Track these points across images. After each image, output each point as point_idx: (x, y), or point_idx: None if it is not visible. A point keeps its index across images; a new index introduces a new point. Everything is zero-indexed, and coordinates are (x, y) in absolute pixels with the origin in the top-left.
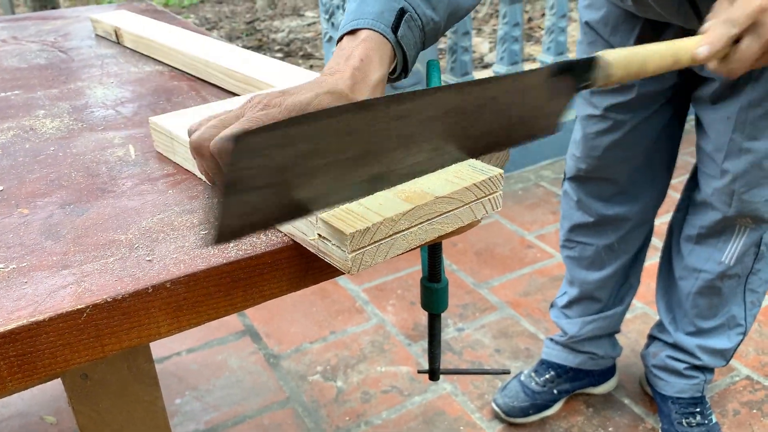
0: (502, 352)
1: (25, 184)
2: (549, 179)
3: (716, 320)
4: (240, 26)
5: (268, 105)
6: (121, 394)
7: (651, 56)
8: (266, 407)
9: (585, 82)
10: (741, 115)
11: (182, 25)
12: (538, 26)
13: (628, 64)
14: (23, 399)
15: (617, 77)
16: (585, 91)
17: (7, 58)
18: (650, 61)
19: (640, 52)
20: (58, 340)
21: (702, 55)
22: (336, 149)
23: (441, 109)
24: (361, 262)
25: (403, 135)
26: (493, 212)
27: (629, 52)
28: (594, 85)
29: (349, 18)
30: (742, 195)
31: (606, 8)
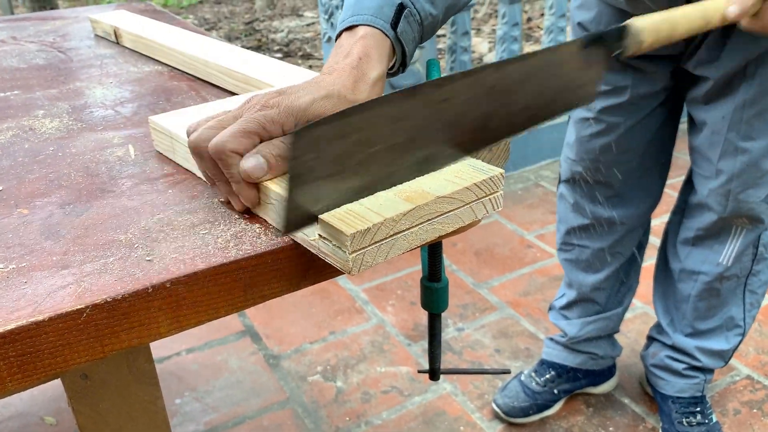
0: (502, 352)
1: (25, 184)
2: (549, 179)
3: (714, 321)
4: (239, 26)
5: (266, 105)
6: (122, 395)
7: (680, 19)
8: (266, 408)
9: (617, 50)
10: (735, 115)
11: (181, 26)
12: (537, 26)
13: (658, 29)
14: (23, 400)
15: (648, 43)
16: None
17: (7, 58)
18: (680, 25)
19: (669, 17)
20: (58, 340)
21: (733, 14)
22: (388, 136)
23: (482, 89)
24: (362, 262)
25: (449, 116)
26: (494, 212)
27: (659, 17)
28: (626, 52)
29: (348, 14)
30: (738, 195)
31: (598, 8)
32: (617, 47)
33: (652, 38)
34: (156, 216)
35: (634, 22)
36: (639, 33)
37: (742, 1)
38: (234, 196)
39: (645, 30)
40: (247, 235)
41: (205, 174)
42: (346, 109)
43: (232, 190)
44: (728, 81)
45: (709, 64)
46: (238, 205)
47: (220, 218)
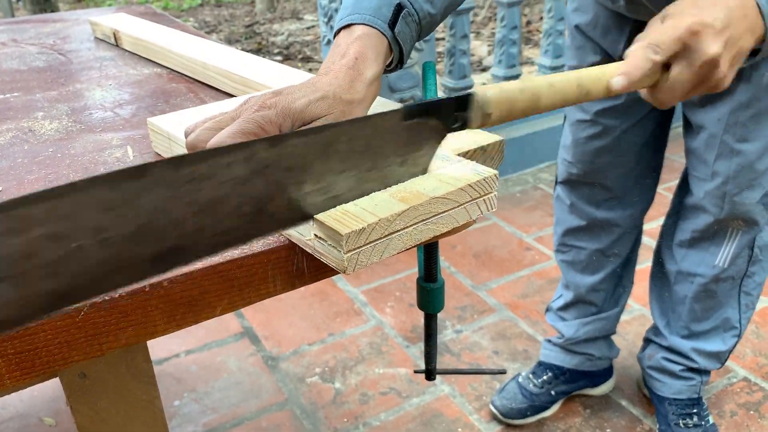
0: (501, 354)
1: (24, 185)
2: (547, 181)
3: (710, 323)
4: (239, 29)
5: (264, 106)
6: (119, 393)
7: (545, 91)
8: (265, 409)
9: (456, 123)
10: (731, 117)
11: (181, 28)
12: (537, 29)
13: (512, 100)
14: (22, 400)
15: (497, 117)
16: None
17: (7, 60)
18: (544, 96)
19: (529, 87)
20: (56, 338)
21: (617, 86)
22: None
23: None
24: (357, 261)
25: (207, 200)
26: (488, 212)
27: (515, 87)
28: (469, 125)
29: (346, 12)
30: (733, 197)
31: (594, 11)
32: (456, 120)
33: (502, 112)
34: None
35: (481, 92)
36: (485, 105)
37: (628, 72)
38: None
39: (493, 102)
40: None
41: None
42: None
43: None
44: None
45: None
46: None
47: None
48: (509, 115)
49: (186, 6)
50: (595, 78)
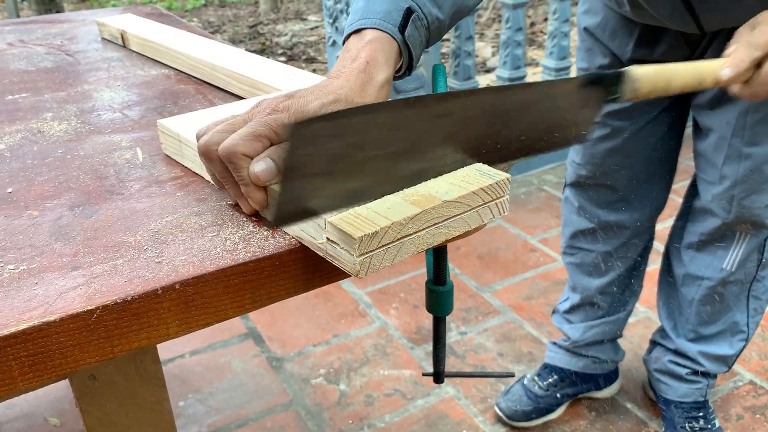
0: (505, 356)
1: (34, 186)
2: (552, 183)
3: (718, 326)
4: (243, 30)
5: (276, 109)
6: (128, 395)
7: (677, 75)
8: (269, 410)
9: (613, 95)
10: (740, 120)
11: (187, 29)
12: (541, 31)
13: (655, 80)
14: (27, 401)
15: (644, 92)
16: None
17: (15, 61)
18: (676, 80)
19: (666, 70)
20: (69, 341)
21: (726, 77)
22: (384, 142)
23: (481, 110)
24: (369, 265)
25: (446, 132)
26: (500, 216)
27: (657, 69)
28: (621, 98)
29: (356, 17)
30: (741, 200)
31: (603, 13)
32: (614, 92)
33: (648, 88)
34: (165, 218)
35: (633, 70)
36: (636, 81)
37: (735, 65)
38: (243, 198)
39: (642, 79)
40: (255, 237)
41: (214, 177)
42: (346, 110)
43: (241, 193)
44: None
45: None
46: (247, 208)
47: (228, 221)
48: (650, 93)
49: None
50: (708, 69)
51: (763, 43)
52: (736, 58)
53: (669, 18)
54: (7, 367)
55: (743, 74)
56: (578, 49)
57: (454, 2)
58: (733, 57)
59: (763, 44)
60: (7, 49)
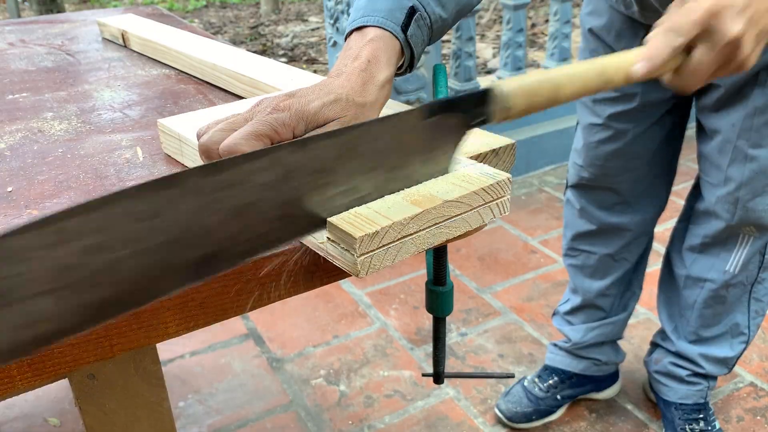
0: (506, 358)
1: (34, 185)
2: (552, 184)
3: (719, 328)
4: (244, 31)
5: (277, 108)
6: (128, 395)
7: (566, 80)
8: (269, 411)
9: (478, 118)
10: (746, 123)
11: (188, 29)
12: (542, 32)
13: (533, 92)
14: (27, 401)
15: (519, 109)
16: (586, 99)
17: (15, 60)
18: (565, 86)
19: (550, 78)
20: (67, 340)
21: (639, 72)
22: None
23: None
24: (370, 265)
25: (236, 206)
26: (501, 216)
27: (536, 78)
28: (491, 119)
29: (359, 14)
30: (746, 203)
31: (608, 15)
32: (477, 115)
33: (523, 104)
34: None
35: (499, 86)
36: (506, 98)
37: (650, 58)
38: None
39: (513, 95)
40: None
41: None
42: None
43: None
44: (739, 88)
45: None
46: None
47: None
48: (530, 108)
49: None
50: (616, 66)
51: (689, 24)
52: (652, 48)
53: None
54: (6, 366)
55: (661, 67)
56: (582, 50)
57: (457, 1)
58: (649, 46)
59: (688, 26)
60: (7, 49)
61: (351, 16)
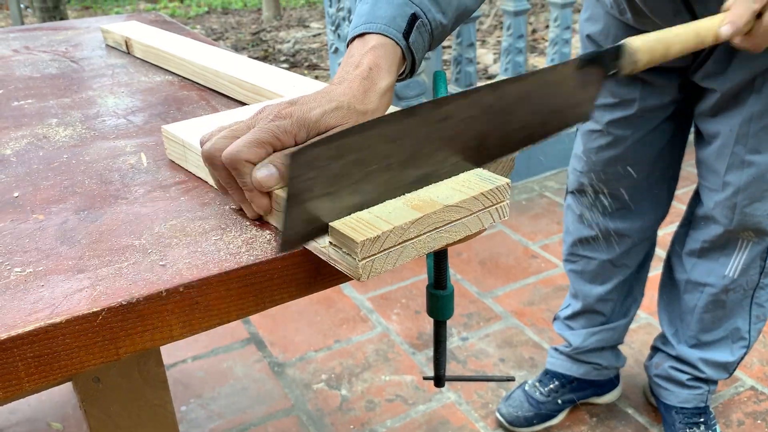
0: (507, 362)
1: (40, 190)
2: (553, 190)
3: (719, 333)
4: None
5: (279, 116)
6: (132, 398)
7: (674, 39)
8: (271, 415)
9: (613, 70)
10: (743, 128)
11: (191, 36)
12: (542, 38)
13: (653, 49)
14: (30, 405)
15: (643, 63)
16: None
17: (20, 67)
18: (674, 44)
19: (663, 37)
20: (74, 342)
21: (726, 33)
22: (384, 156)
23: (479, 109)
24: (371, 269)
25: (446, 136)
26: (500, 221)
27: (653, 37)
28: (621, 72)
29: (361, 20)
30: (744, 208)
31: (605, 21)
32: (613, 67)
33: (647, 58)
34: (169, 222)
35: (630, 42)
36: (634, 53)
37: (734, 20)
38: (246, 203)
39: (640, 50)
40: (258, 241)
41: (218, 182)
42: (343, 130)
43: (244, 198)
44: (736, 94)
45: (716, 77)
46: (251, 213)
47: (231, 225)
48: (650, 62)
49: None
50: (707, 28)
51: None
52: (734, 13)
53: (671, 23)
54: (13, 367)
55: (743, 28)
56: None
57: (457, 7)
58: (731, 12)
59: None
60: (12, 56)
61: (353, 22)
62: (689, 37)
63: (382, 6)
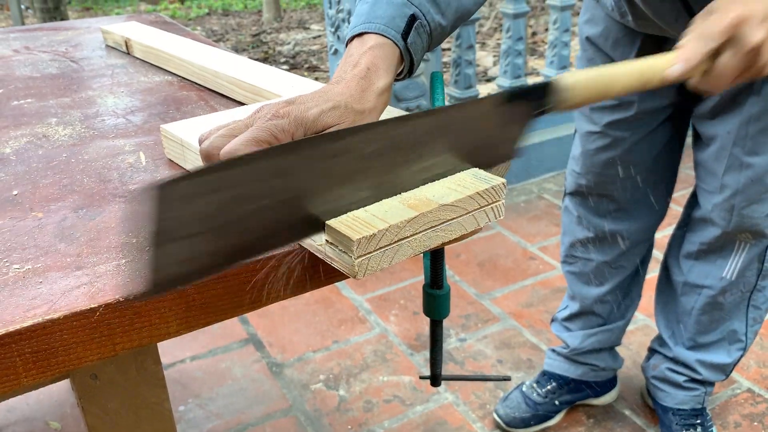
0: (504, 363)
1: (39, 188)
2: (551, 192)
3: (716, 335)
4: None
5: (277, 115)
6: (130, 395)
7: (616, 78)
8: (269, 415)
9: (541, 108)
10: (741, 130)
11: (191, 37)
12: (542, 40)
13: (589, 86)
14: (28, 404)
15: (577, 101)
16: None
17: (20, 67)
18: (616, 83)
19: (603, 74)
20: (72, 338)
21: (675, 74)
22: (266, 193)
23: (383, 143)
24: (367, 267)
25: (342, 173)
26: (496, 220)
27: (591, 74)
28: (552, 110)
29: (360, 20)
30: (741, 210)
31: (605, 23)
32: (541, 105)
33: (581, 96)
34: None
35: (561, 79)
36: (566, 90)
37: (686, 60)
38: None
39: (573, 87)
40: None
41: None
42: (217, 164)
43: None
44: (734, 96)
45: None
46: None
47: None
48: (585, 101)
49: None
50: (654, 68)
51: (717, 32)
52: (687, 52)
53: (672, 26)
54: (11, 363)
55: (695, 69)
56: (579, 59)
57: (456, 9)
58: (683, 51)
59: (717, 34)
60: (12, 56)
61: (352, 22)
62: (632, 77)
63: (382, 6)
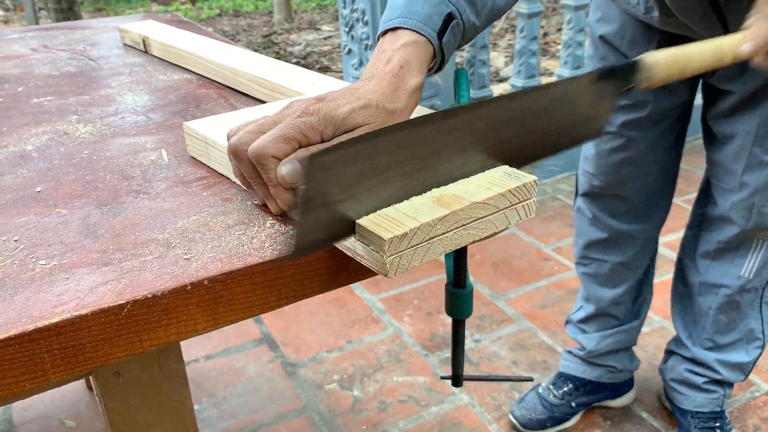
0: (519, 364)
1: (62, 185)
2: (566, 192)
3: (734, 334)
4: (257, 39)
5: (306, 112)
6: (152, 393)
7: (693, 57)
8: (283, 415)
9: (628, 85)
10: (761, 129)
11: (208, 36)
12: (554, 41)
13: (670, 65)
14: (44, 402)
15: (659, 78)
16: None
17: (39, 65)
18: (693, 62)
19: (682, 53)
20: (100, 335)
21: (746, 51)
22: (397, 163)
23: (494, 120)
24: (399, 265)
25: (460, 146)
26: (527, 218)
27: (672, 53)
28: (637, 87)
29: (395, 13)
30: (762, 208)
31: (620, 21)
32: (628, 82)
33: (664, 74)
34: (192, 217)
35: (647, 57)
36: (651, 68)
37: (755, 39)
38: (271, 199)
39: (657, 65)
40: (282, 236)
41: (243, 176)
42: (358, 136)
43: (269, 193)
44: (752, 95)
45: (735, 79)
46: (275, 208)
47: (254, 220)
48: (667, 78)
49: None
50: (727, 47)
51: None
52: (755, 32)
53: (696, 23)
54: (39, 359)
55: (764, 46)
56: (590, 58)
57: (491, 8)
58: (752, 30)
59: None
60: (31, 55)
61: (385, 14)
62: (707, 55)
63: (418, 2)
